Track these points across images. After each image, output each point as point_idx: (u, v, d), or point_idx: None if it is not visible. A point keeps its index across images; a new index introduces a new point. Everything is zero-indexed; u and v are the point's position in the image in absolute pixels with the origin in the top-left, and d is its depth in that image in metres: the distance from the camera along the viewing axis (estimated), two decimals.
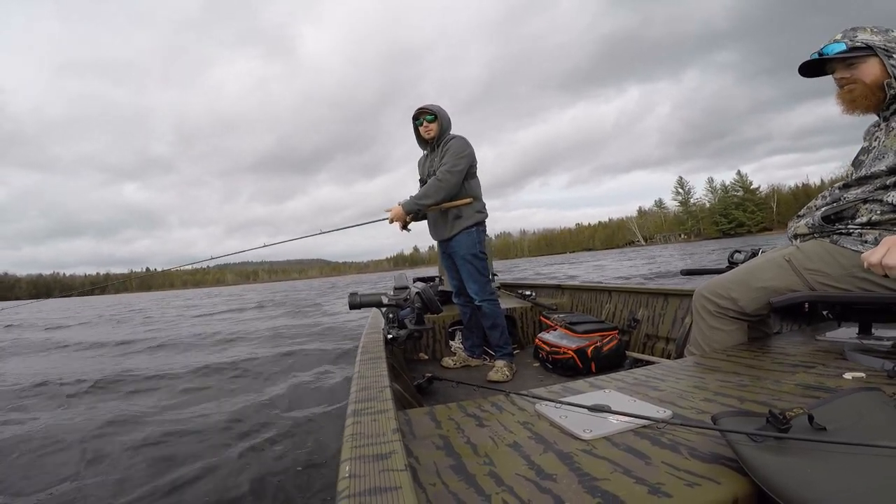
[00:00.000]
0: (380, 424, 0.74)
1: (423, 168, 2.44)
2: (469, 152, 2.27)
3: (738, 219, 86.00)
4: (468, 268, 2.32)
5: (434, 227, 2.45)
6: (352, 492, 0.54)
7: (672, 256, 23.64)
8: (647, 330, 2.37)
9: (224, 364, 4.59)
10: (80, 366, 5.29)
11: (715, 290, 1.35)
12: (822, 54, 1.22)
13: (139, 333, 8.80)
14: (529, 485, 0.62)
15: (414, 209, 2.26)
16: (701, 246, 40.30)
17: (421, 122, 2.32)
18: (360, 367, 1.18)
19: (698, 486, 0.58)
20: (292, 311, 11.95)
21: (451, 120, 2.36)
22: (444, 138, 2.32)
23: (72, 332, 10.43)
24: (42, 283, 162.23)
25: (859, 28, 1.19)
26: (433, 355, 2.80)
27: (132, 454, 2.31)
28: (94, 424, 2.80)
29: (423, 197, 2.23)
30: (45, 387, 4.08)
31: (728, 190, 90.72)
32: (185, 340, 6.96)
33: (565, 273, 17.41)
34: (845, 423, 0.63)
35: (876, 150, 1.18)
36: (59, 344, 7.73)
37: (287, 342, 5.96)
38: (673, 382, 1.03)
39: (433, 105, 2.32)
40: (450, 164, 2.21)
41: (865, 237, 1.15)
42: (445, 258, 2.48)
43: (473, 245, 2.31)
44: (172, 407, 3.19)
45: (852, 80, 1.19)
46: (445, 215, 2.34)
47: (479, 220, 2.34)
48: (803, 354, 1.15)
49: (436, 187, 2.20)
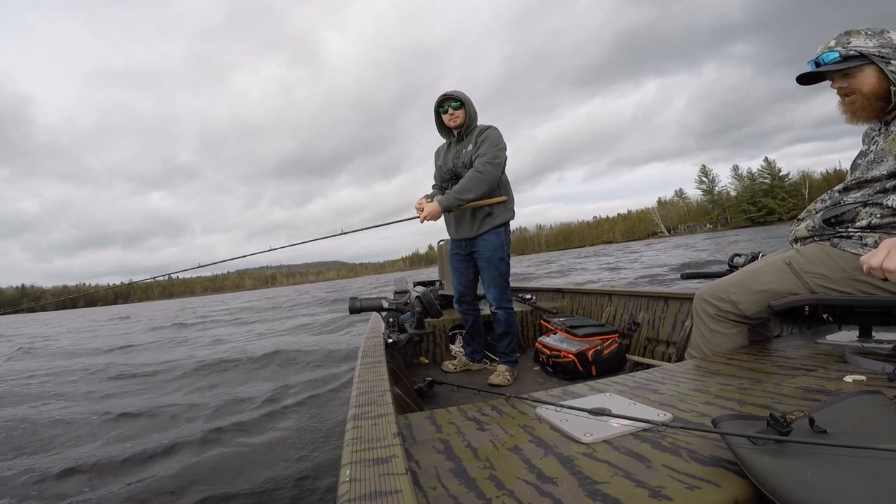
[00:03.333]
0: (380, 428, 0.74)
1: (447, 159, 2.27)
2: (505, 145, 2.13)
3: (767, 206, 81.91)
4: (492, 271, 2.20)
5: (456, 224, 2.28)
6: (352, 495, 0.54)
7: (713, 243, 22.56)
8: (647, 333, 2.37)
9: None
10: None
11: (715, 294, 1.35)
12: (818, 63, 1.20)
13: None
14: (530, 488, 0.62)
15: (454, 205, 2.07)
16: (736, 235, 38.46)
17: (445, 108, 2.18)
18: (361, 371, 1.19)
19: (699, 490, 0.58)
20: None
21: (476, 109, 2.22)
22: (474, 127, 2.19)
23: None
24: (67, 294, 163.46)
25: (853, 32, 1.16)
26: (434, 359, 2.79)
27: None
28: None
29: (464, 191, 2.05)
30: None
31: (755, 177, 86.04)
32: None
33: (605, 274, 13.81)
34: (846, 427, 0.63)
35: (874, 153, 1.19)
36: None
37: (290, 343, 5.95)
38: (673, 386, 1.03)
39: (458, 91, 2.17)
40: (490, 156, 2.05)
41: (865, 240, 1.15)
42: (460, 259, 2.35)
43: (501, 246, 2.20)
44: (171, 406, 3.19)
45: (851, 91, 1.18)
46: (475, 212, 2.18)
47: (508, 219, 2.23)
48: (804, 357, 1.15)
49: (477, 180, 2.04)
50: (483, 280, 2.28)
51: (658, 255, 18.21)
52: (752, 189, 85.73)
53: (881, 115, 1.19)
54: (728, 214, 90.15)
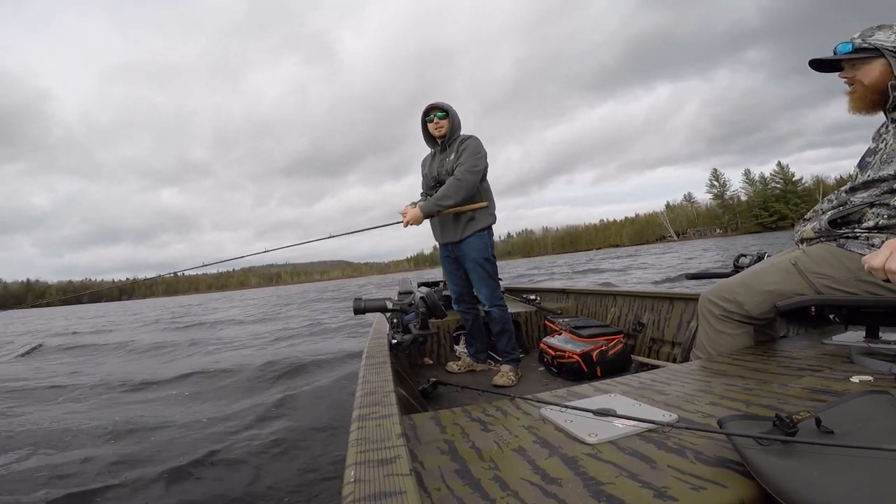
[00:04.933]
0: (384, 429, 0.74)
1: (431, 167, 2.36)
2: (485, 153, 2.21)
3: (780, 211, 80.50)
4: (480, 272, 2.27)
5: (441, 229, 2.37)
6: (357, 496, 0.54)
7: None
8: (652, 334, 2.36)
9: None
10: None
11: (721, 294, 1.34)
12: (835, 53, 1.22)
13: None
14: (534, 489, 0.62)
15: (434, 211, 2.18)
16: (750, 239, 37.54)
17: (432, 118, 2.26)
18: (365, 371, 1.19)
19: (704, 490, 0.58)
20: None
21: (460, 119, 2.31)
22: (456, 137, 2.27)
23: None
24: (71, 290, 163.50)
25: (884, 27, 1.17)
26: (438, 360, 2.79)
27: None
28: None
29: (443, 198, 2.15)
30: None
31: (768, 182, 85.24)
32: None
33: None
34: (853, 427, 0.63)
35: (883, 152, 1.18)
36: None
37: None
38: (678, 386, 1.03)
39: (444, 102, 2.26)
40: (469, 164, 2.14)
41: (872, 241, 1.14)
42: (450, 262, 2.43)
43: (486, 248, 2.27)
44: (169, 408, 3.21)
45: (853, 81, 1.20)
46: (458, 217, 2.27)
47: (490, 223, 2.30)
48: (810, 358, 1.14)
49: (456, 187, 2.13)
50: (472, 281, 2.35)
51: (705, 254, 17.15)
52: (763, 194, 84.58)
53: (875, 108, 1.20)
54: (739, 219, 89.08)
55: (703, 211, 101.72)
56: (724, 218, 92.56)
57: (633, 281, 11.15)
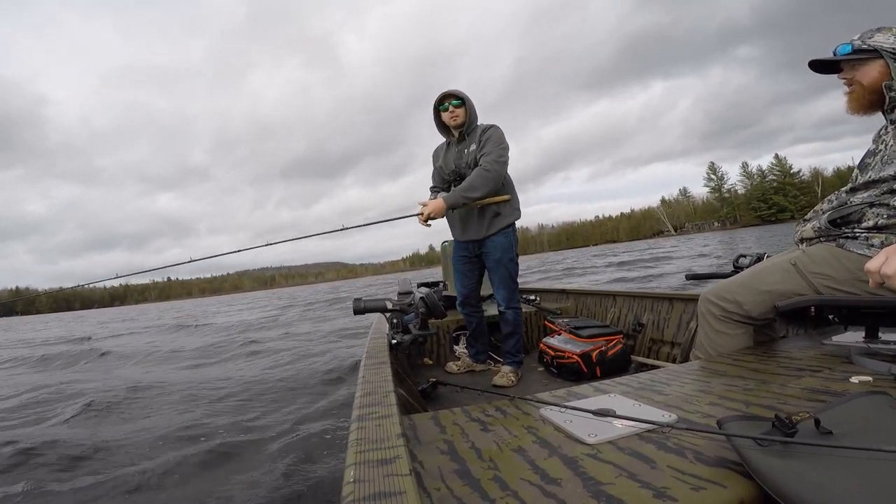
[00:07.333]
0: (384, 429, 0.74)
1: (447, 159, 2.24)
2: (508, 143, 2.12)
3: (779, 204, 78.67)
4: (502, 272, 2.19)
5: (463, 226, 2.25)
6: (356, 496, 0.54)
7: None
8: (651, 334, 2.36)
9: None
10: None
11: (720, 294, 1.34)
12: (835, 54, 1.23)
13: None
14: (534, 489, 0.62)
15: (460, 202, 2.05)
16: (749, 232, 36.93)
17: (446, 106, 2.15)
18: (365, 372, 1.19)
19: (704, 491, 0.58)
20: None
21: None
22: (475, 126, 2.17)
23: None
24: (62, 297, 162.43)
25: (884, 28, 1.18)
26: (437, 360, 2.79)
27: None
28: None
29: (470, 189, 2.03)
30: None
31: (765, 174, 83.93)
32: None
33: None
34: (852, 428, 0.63)
35: (883, 153, 1.18)
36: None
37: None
38: (678, 387, 1.03)
39: (458, 90, 2.14)
40: (496, 154, 2.03)
41: (872, 241, 1.14)
42: (465, 261, 2.32)
43: (510, 247, 2.19)
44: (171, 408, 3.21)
45: (852, 82, 1.21)
46: (482, 213, 2.16)
47: (515, 219, 2.23)
48: (809, 358, 1.14)
49: (484, 178, 2.02)
50: (492, 281, 2.27)
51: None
52: (761, 186, 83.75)
53: (874, 110, 1.21)
54: (738, 212, 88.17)
55: (700, 205, 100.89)
56: (722, 211, 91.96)
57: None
